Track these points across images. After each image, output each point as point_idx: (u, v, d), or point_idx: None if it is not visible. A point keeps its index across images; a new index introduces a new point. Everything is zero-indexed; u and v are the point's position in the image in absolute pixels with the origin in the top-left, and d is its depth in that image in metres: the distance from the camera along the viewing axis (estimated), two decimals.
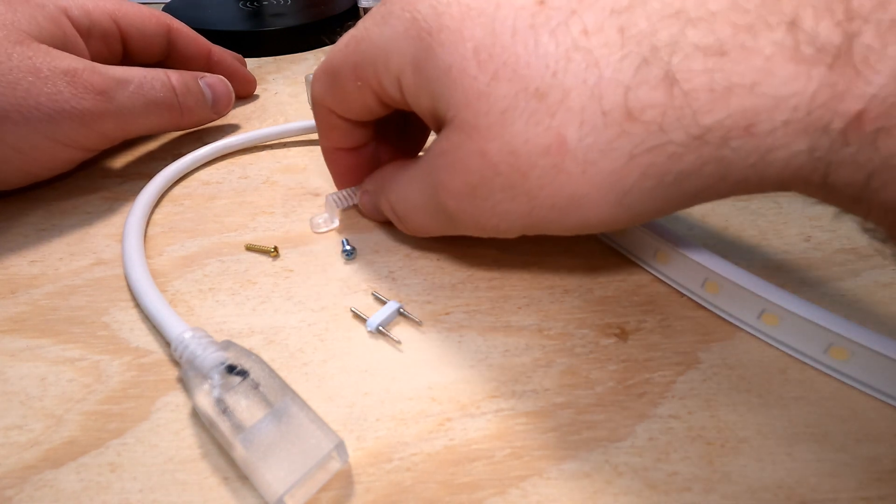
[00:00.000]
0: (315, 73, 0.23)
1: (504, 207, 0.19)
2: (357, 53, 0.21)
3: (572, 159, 0.17)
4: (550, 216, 0.18)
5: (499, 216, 0.19)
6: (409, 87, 0.20)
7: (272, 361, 0.21)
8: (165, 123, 0.31)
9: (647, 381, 0.20)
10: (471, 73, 0.17)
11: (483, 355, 0.21)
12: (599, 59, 0.16)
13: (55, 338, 0.22)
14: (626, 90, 0.16)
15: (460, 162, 0.19)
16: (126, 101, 0.28)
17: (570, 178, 0.17)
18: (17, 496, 0.17)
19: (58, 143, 0.26)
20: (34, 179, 0.29)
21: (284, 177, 0.31)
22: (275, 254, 0.25)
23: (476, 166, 0.18)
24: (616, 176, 0.17)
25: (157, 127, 0.31)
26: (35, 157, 0.27)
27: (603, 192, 0.17)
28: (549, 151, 0.17)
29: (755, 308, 0.21)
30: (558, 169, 0.17)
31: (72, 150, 0.28)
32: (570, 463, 0.17)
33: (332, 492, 0.17)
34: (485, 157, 0.18)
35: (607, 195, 0.17)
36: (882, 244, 0.16)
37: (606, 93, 0.16)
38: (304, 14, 0.48)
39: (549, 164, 0.17)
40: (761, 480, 0.17)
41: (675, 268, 0.23)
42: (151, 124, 0.30)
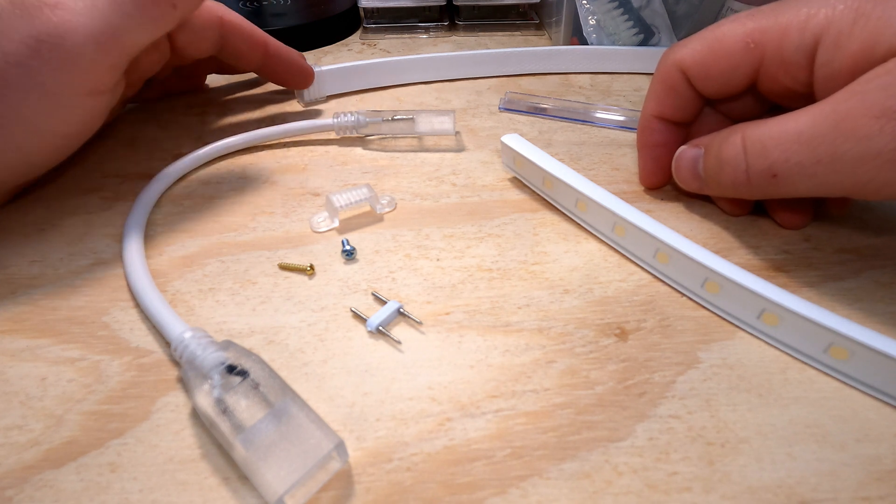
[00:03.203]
0: (691, 39, 0.25)
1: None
2: (764, 16, 0.23)
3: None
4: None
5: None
6: (835, 36, 0.21)
7: (272, 361, 0.21)
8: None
9: (647, 381, 0.20)
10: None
11: (483, 355, 0.21)
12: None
13: (55, 338, 0.22)
14: None
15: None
16: None
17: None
18: (17, 496, 0.17)
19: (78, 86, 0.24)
20: (68, 144, 0.27)
21: (284, 177, 0.31)
22: (311, 272, 0.24)
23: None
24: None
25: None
26: (64, 113, 0.25)
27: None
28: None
29: (755, 308, 0.21)
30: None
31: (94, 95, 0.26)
32: (570, 463, 0.17)
33: (332, 492, 0.17)
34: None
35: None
36: None
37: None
38: (304, 14, 0.48)
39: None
40: (761, 480, 0.17)
41: (675, 268, 0.23)
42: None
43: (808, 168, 0.20)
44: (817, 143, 0.20)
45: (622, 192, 0.29)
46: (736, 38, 0.24)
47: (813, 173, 0.20)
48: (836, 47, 0.21)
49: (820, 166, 0.20)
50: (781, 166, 0.21)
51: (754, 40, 0.23)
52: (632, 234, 0.24)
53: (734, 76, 0.24)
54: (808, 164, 0.20)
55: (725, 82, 0.25)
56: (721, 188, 0.24)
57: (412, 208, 0.28)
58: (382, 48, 0.46)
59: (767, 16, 0.23)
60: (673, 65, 0.25)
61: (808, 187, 0.21)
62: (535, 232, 0.26)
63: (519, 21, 0.50)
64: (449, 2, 0.48)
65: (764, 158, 0.22)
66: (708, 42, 0.24)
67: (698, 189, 0.26)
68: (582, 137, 0.34)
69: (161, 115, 0.37)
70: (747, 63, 0.24)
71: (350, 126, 0.33)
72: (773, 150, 0.21)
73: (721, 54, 0.24)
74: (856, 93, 0.19)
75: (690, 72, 0.25)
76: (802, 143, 0.20)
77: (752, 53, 0.23)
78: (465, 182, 0.30)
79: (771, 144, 0.21)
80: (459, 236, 0.26)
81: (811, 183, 0.21)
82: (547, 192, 0.28)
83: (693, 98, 0.26)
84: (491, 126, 0.35)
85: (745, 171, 0.22)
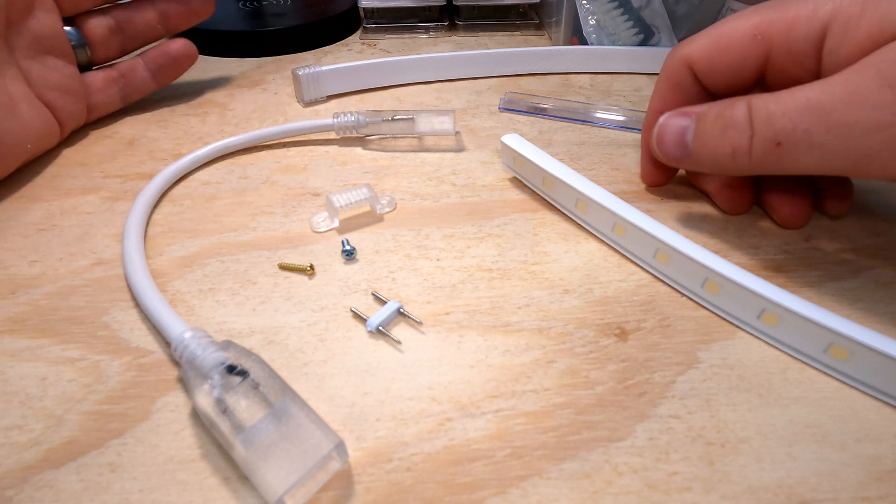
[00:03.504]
0: (697, 35, 0.25)
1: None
2: (770, 10, 0.23)
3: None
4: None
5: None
6: (844, 23, 0.21)
7: (272, 361, 0.21)
8: None
9: (647, 381, 0.20)
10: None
11: (483, 355, 0.21)
12: None
13: (55, 338, 0.22)
14: None
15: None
16: None
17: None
18: (17, 496, 0.17)
19: None
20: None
21: (284, 177, 0.31)
22: (311, 272, 0.24)
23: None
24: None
25: None
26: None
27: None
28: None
29: (755, 308, 0.21)
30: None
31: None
32: (570, 463, 0.17)
33: (332, 492, 0.17)
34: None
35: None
36: None
37: None
38: (304, 14, 0.48)
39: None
40: (761, 480, 0.17)
41: (675, 268, 0.23)
42: None
43: (816, 136, 0.20)
44: (828, 110, 0.19)
45: (622, 192, 0.29)
46: (743, 31, 0.24)
47: (820, 143, 0.20)
48: (845, 33, 0.21)
49: (829, 135, 0.20)
50: (788, 134, 0.20)
51: (761, 32, 0.23)
52: (632, 234, 0.24)
53: (742, 69, 0.24)
54: (816, 132, 0.20)
55: (733, 75, 0.25)
56: (714, 158, 0.23)
57: (412, 208, 0.28)
58: (382, 48, 0.46)
59: (774, 9, 0.23)
60: (679, 61, 0.25)
61: (812, 160, 0.20)
62: (535, 232, 0.26)
63: (519, 21, 0.50)
64: (449, 2, 0.48)
65: (770, 125, 0.21)
66: (715, 36, 0.25)
67: (679, 160, 0.25)
68: (582, 137, 0.34)
69: (161, 115, 0.37)
70: (755, 55, 0.24)
71: (350, 126, 0.33)
72: (780, 118, 0.21)
73: (728, 47, 0.24)
74: (869, 64, 0.19)
75: (697, 66, 0.25)
76: (812, 110, 0.20)
77: (759, 45, 0.23)
78: (465, 182, 0.30)
79: (778, 112, 0.21)
80: (459, 236, 0.26)
81: (816, 155, 0.20)
82: (547, 192, 0.28)
83: (699, 94, 0.26)
84: (491, 126, 0.35)
85: (749, 138, 0.21)
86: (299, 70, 0.37)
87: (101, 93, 0.34)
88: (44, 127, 0.31)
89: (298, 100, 0.38)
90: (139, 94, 0.36)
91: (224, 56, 0.46)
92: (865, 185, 0.29)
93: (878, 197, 0.28)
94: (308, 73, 0.37)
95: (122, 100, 0.36)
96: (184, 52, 0.36)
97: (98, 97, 0.34)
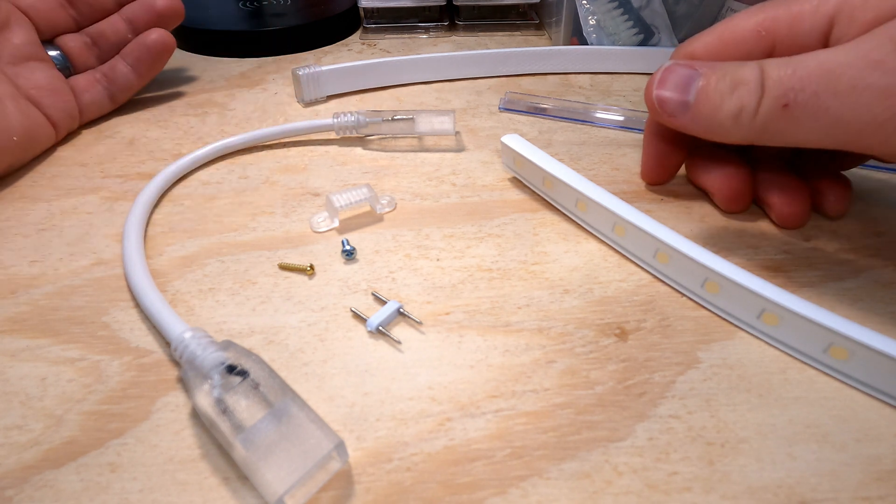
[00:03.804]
0: (701, 33, 0.25)
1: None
2: (775, 7, 0.23)
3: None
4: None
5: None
6: (849, 13, 0.21)
7: (272, 361, 0.21)
8: None
9: (647, 381, 0.20)
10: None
11: (483, 355, 0.21)
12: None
13: (55, 338, 0.22)
14: None
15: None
16: None
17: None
18: (17, 496, 0.17)
19: None
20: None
21: (284, 177, 0.31)
22: (311, 272, 0.24)
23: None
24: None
25: None
26: None
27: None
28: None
29: (755, 308, 0.21)
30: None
31: None
32: (570, 463, 0.17)
33: (332, 492, 0.17)
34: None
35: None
36: None
37: None
38: (304, 14, 0.48)
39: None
40: (761, 480, 0.17)
41: (675, 268, 0.23)
42: None
43: (824, 100, 0.19)
44: (839, 73, 0.19)
45: (622, 192, 0.29)
46: (747, 27, 0.24)
47: (827, 107, 0.19)
48: (851, 22, 0.21)
49: (837, 99, 0.19)
50: (796, 94, 0.20)
51: (765, 28, 0.23)
52: (632, 234, 0.24)
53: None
54: (824, 95, 0.19)
55: None
56: (715, 118, 0.22)
57: (412, 208, 0.28)
58: (382, 48, 0.46)
59: (778, 6, 0.23)
60: (684, 58, 0.25)
61: (815, 126, 0.20)
62: (535, 232, 0.26)
63: (519, 21, 0.50)
64: (449, 2, 0.48)
65: (780, 85, 0.20)
66: (719, 33, 0.24)
67: (673, 115, 0.23)
68: (582, 137, 0.34)
69: (161, 115, 0.37)
70: (759, 51, 0.24)
71: (350, 126, 0.33)
72: (791, 79, 0.20)
73: (733, 44, 0.24)
74: (883, 30, 0.19)
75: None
76: (823, 73, 0.19)
77: (763, 41, 0.23)
78: (465, 182, 0.30)
79: (789, 72, 0.20)
80: (459, 236, 0.26)
81: (820, 121, 0.20)
82: (547, 192, 0.28)
83: None
84: (491, 126, 0.35)
85: (758, 98, 0.21)
86: (299, 70, 0.37)
87: (87, 93, 0.35)
88: (31, 123, 0.31)
89: (298, 100, 0.38)
90: (124, 91, 0.36)
91: (224, 56, 0.45)
92: (865, 185, 0.29)
93: (878, 197, 0.28)
94: (308, 73, 0.37)
95: (111, 99, 0.36)
96: (159, 43, 0.36)
97: (85, 97, 0.35)
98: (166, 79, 0.41)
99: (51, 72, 0.34)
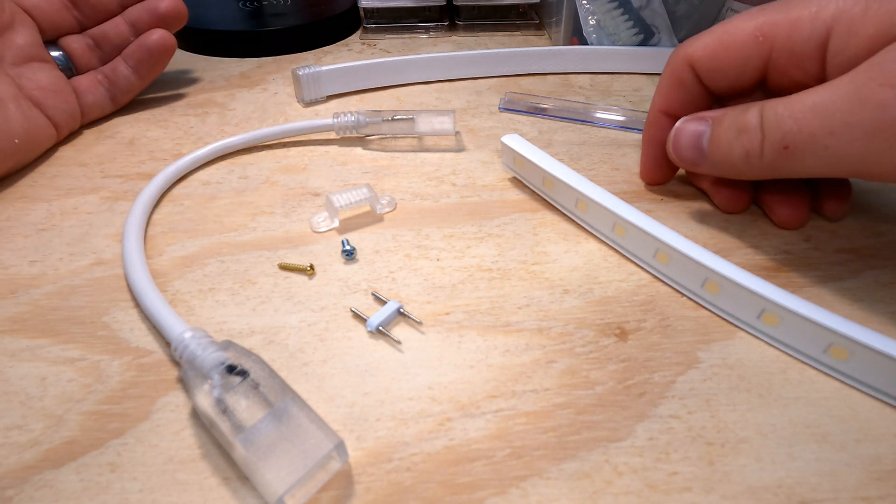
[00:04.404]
0: (701, 34, 0.25)
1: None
2: (774, 11, 0.23)
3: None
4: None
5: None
6: (847, 24, 0.21)
7: (272, 361, 0.21)
8: None
9: (647, 381, 0.20)
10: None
11: (483, 355, 0.21)
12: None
13: (55, 338, 0.22)
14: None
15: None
16: None
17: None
18: (17, 496, 0.17)
19: None
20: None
21: (284, 177, 0.31)
22: (311, 272, 0.24)
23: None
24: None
25: None
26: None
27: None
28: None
29: (755, 308, 0.21)
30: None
31: None
32: (570, 463, 0.17)
33: (332, 492, 0.17)
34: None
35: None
36: None
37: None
38: (304, 14, 0.48)
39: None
40: (761, 480, 0.17)
41: (675, 268, 0.23)
42: None
43: (821, 139, 0.20)
44: (831, 112, 0.20)
45: (622, 192, 0.29)
46: (746, 31, 0.24)
47: (825, 145, 0.20)
48: (850, 34, 0.21)
49: (833, 138, 0.20)
50: (794, 137, 0.21)
51: (763, 33, 0.23)
52: (632, 234, 0.24)
53: (743, 70, 0.24)
54: (820, 134, 0.20)
55: (735, 77, 0.25)
56: (728, 162, 0.23)
57: (412, 208, 0.28)
58: (382, 48, 0.46)
59: (778, 10, 0.23)
60: (682, 59, 0.25)
61: (818, 162, 0.20)
62: (535, 232, 0.26)
63: (519, 21, 0.50)
64: (449, 2, 0.48)
65: (778, 129, 0.21)
66: (717, 36, 0.25)
67: (694, 164, 0.25)
68: (582, 137, 0.34)
69: (161, 115, 0.37)
70: (757, 56, 0.24)
71: (350, 126, 0.33)
72: (787, 121, 0.21)
73: (731, 48, 0.24)
74: (873, 64, 0.19)
75: (699, 66, 0.25)
76: (817, 113, 0.20)
77: (761, 46, 0.23)
78: (465, 182, 0.30)
79: (785, 115, 0.21)
80: (459, 236, 0.26)
81: (822, 157, 0.20)
82: (547, 192, 0.28)
83: (701, 94, 0.26)
84: (491, 126, 0.35)
85: (760, 141, 0.22)
86: (299, 70, 0.37)
87: (89, 94, 0.35)
88: (33, 124, 0.31)
89: (298, 100, 0.38)
90: (125, 92, 0.36)
91: (224, 56, 0.46)
92: (865, 185, 0.29)
93: (878, 197, 0.28)
94: (308, 73, 0.37)
95: (112, 100, 0.36)
96: (160, 44, 0.36)
97: (87, 98, 0.35)
98: (167, 79, 0.41)
99: (53, 72, 0.34)
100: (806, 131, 0.20)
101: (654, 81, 0.40)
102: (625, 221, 0.24)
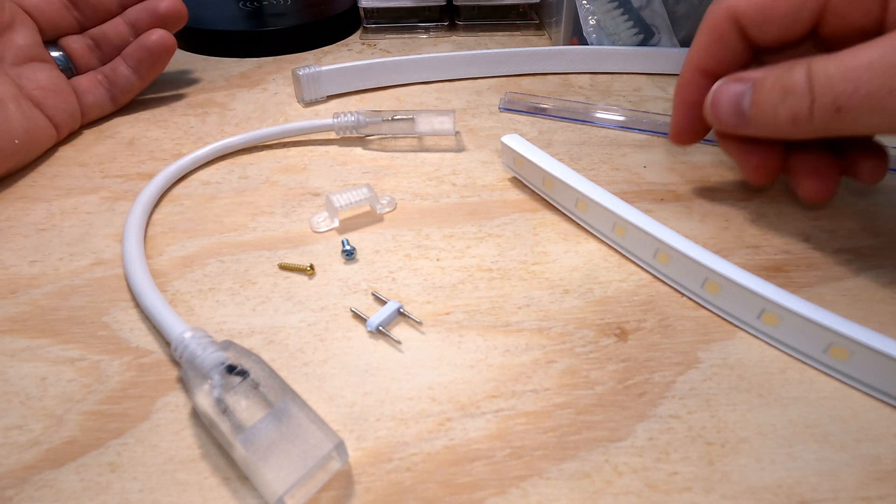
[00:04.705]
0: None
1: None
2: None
3: None
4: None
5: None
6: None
7: (272, 361, 0.21)
8: None
9: (647, 381, 0.20)
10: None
11: (483, 355, 0.21)
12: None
13: (55, 338, 0.22)
14: None
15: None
16: None
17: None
18: (17, 496, 0.17)
19: None
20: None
21: (284, 177, 0.31)
22: (311, 272, 0.24)
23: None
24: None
25: None
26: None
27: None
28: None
29: (755, 308, 0.21)
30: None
31: None
32: (570, 463, 0.17)
33: (332, 492, 0.17)
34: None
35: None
36: None
37: None
38: (304, 14, 0.48)
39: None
40: (761, 480, 0.17)
41: (675, 268, 0.23)
42: None
43: (877, 100, 0.19)
44: (891, 72, 0.19)
45: (622, 192, 0.29)
46: None
47: (882, 106, 0.19)
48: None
49: (891, 97, 0.19)
50: (848, 99, 0.20)
51: None
52: (632, 234, 0.24)
53: (798, 18, 0.23)
54: (877, 94, 0.19)
55: (787, 26, 0.23)
56: (775, 124, 0.22)
57: (412, 208, 0.28)
58: (382, 48, 0.46)
59: None
60: (724, 13, 0.24)
61: (873, 123, 0.19)
62: (535, 232, 0.26)
63: (519, 21, 0.50)
64: (449, 2, 0.48)
65: (830, 90, 0.20)
66: None
67: (735, 127, 0.24)
68: (582, 137, 0.34)
69: (161, 115, 0.37)
70: (812, 2, 0.22)
71: (350, 126, 0.33)
72: (840, 82, 0.20)
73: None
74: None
75: (746, 18, 0.23)
76: (874, 72, 0.19)
77: None
78: (465, 182, 0.30)
79: (838, 75, 0.20)
80: (459, 236, 0.26)
81: (877, 118, 0.19)
82: (547, 192, 0.28)
83: (743, 50, 0.24)
84: (491, 126, 0.35)
85: (809, 104, 0.21)
86: (299, 70, 0.37)
87: (89, 94, 0.35)
88: (33, 125, 0.31)
89: (298, 100, 0.38)
90: (125, 92, 0.36)
91: (224, 56, 0.46)
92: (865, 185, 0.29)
93: (878, 197, 0.28)
94: (308, 73, 0.37)
95: (112, 101, 0.36)
96: (160, 44, 0.36)
97: (87, 98, 0.35)
98: (167, 79, 0.41)
99: (53, 73, 0.34)
100: (863, 92, 0.19)
101: (655, 81, 0.40)
102: (625, 221, 0.24)
